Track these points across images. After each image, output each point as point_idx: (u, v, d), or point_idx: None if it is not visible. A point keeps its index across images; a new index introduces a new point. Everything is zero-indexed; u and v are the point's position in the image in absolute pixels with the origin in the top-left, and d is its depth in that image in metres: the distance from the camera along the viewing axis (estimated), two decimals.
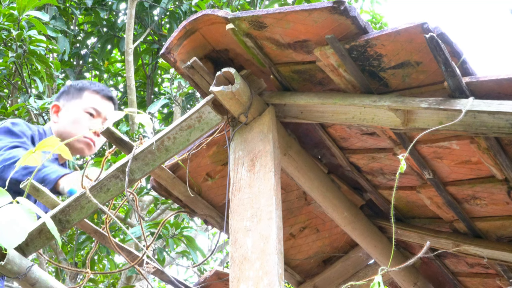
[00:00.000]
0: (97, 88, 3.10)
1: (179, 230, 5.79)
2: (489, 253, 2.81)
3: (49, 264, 6.94)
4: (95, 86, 3.10)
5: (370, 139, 2.59)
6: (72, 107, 3.04)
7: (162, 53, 2.35)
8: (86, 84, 3.12)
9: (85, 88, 3.08)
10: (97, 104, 3.05)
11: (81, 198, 2.37)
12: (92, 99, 3.06)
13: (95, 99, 3.06)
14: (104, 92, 3.10)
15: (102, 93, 3.09)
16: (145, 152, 2.34)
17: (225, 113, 2.32)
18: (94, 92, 3.08)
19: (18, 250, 2.32)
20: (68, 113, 3.03)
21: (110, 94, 3.13)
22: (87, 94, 3.07)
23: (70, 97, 3.08)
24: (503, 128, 1.91)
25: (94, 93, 3.07)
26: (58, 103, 3.08)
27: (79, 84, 3.12)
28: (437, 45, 1.90)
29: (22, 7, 4.99)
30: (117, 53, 7.98)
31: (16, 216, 1.42)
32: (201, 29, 2.33)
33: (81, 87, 3.09)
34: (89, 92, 3.07)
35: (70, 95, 3.08)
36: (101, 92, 3.09)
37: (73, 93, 3.08)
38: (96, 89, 3.09)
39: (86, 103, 3.04)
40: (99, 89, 3.10)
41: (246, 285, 2.01)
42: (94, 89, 3.08)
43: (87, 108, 3.02)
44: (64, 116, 3.04)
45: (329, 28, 2.04)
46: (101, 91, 3.09)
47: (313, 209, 3.17)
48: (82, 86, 3.10)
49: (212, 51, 2.41)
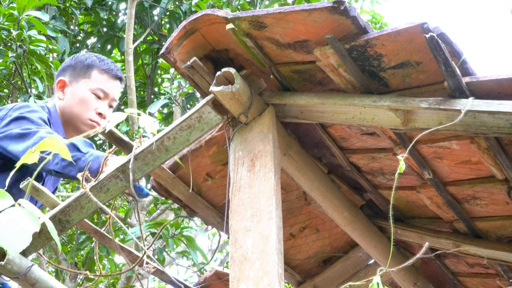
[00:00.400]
0: (106, 66, 2.96)
1: (179, 230, 5.79)
2: (489, 253, 2.81)
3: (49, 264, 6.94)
4: (104, 64, 2.96)
5: (370, 139, 2.59)
6: (79, 85, 2.91)
7: (162, 53, 2.35)
8: (95, 61, 2.97)
9: (94, 66, 2.95)
10: (106, 85, 2.93)
11: (81, 198, 2.37)
12: (100, 79, 2.93)
13: (103, 80, 2.94)
14: (114, 72, 2.97)
15: (112, 72, 2.96)
16: (145, 152, 2.34)
17: (225, 113, 2.32)
18: (103, 72, 2.94)
19: None
20: (75, 92, 2.91)
21: (119, 74, 3.01)
22: (96, 73, 2.94)
23: (77, 73, 2.94)
24: (503, 128, 1.91)
25: (103, 73, 2.94)
26: (64, 78, 2.94)
27: (88, 60, 2.97)
28: (437, 45, 1.90)
29: (22, 7, 4.99)
30: (117, 53, 7.97)
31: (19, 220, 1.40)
32: (201, 29, 2.33)
33: (89, 64, 2.95)
34: (98, 71, 2.94)
35: (77, 71, 2.95)
36: (110, 72, 2.96)
37: (80, 69, 2.95)
38: (105, 68, 2.95)
39: (94, 83, 2.91)
40: (108, 68, 2.96)
41: (246, 285, 2.01)
42: (103, 68, 2.95)
43: (95, 90, 2.90)
44: (70, 94, 2.92)
45: (329, 28, 2.04)
46: (110, 70, 2.96)
47: (313, 209, 3.17)
48: (91, 63, 2.95)
49: (212, 51, 2.41)
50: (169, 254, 6.48)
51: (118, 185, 2.36)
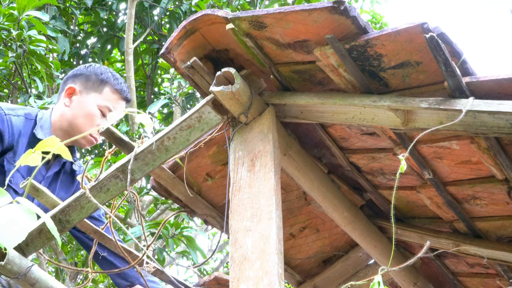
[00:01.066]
0: (119, 87, 2.95)
1: (179, 230, 5.79)
2: (489, 253, 2.81)
3: (49, 264, 6.94)
4: (118, 84, 2.95)
5: (370, 139, 2.59)
6: (89, 98, 2.90)
7: (162, 53, 2.35)
8: (110, 78, 2.95)
9: (108, 83, 2.93)
10: (114, 105, 2.93)
11: (81, 198, 2.37)
12: (111, 98, 2.92)
13: (113, 99, 2.93)
14: (125, 94, 2.97)
15: (123, 94, 2.96)
16: (145, 152, 2.34)
17: (225, 113, 2.32)
18: (115, 92, 2.93)
19: (18, 250, 2.32)
20: (83, 104, 2.89)
21: (129, 97, 3.01)
22: (108, 91, 2.93)
23: (89, 85, 2.92)
24: (503, 128, 1.91)
25: (115, 93, 2.94)
26: (75, 86, 2.92)
27: (103, 74, 2.95)
28: (437, 45, 1.90)
29: (22, 7, 4.99)
30: (117, 53, 7.97)
31: (16, 216, 1.41)
32: (201, 29, 2.33)
33: (104, 80, 2.93)
34: (110, 89, 2.93)
35: (90, 83, 2.92)
36: (122, 93, 2.96)
37: (93, 82, 2.92)
38: (118, 88, 2.94)
39: (104, 101, 2.90)
40: (121, 89, 2.96)
41: (246, 285, 2.01)
42: (117, 88, 2.94)
43: (102, 107, 2.89)
44: (77, 104, 2.89)
45: (329, 28, 2.04)
46: (122, 92, 2.96)
47: (313, 209, 3.17)
48: (106, 79, 2.94)
49: (212, 51, 2.41)
50: (169, 254, 6.47)
51: (118, 185, 2.36)
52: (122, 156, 5.65)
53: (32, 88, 5.92)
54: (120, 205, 2.74)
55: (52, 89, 6.49)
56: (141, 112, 1.76)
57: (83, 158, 7.76)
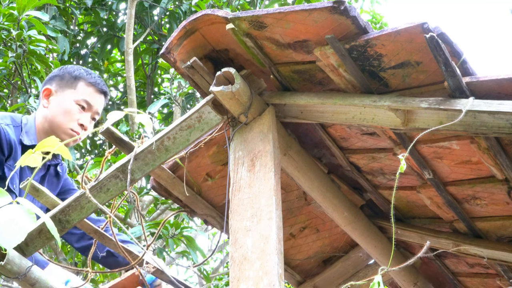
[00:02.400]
0: (93, 80, 3.00)
1: (179, 230, 5.79)
2: (489, 253, 2.81)
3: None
4: (91, 78, 3.00)
5: (370, 139, 2.59)
6: (65, 95, 2.96)
7: (162, 53, 2.35)
8: (83, 73, 3.01)
9: (81, 78, 2.99)
10: (91, 97, 2.97)
11: (81, 198, 2.37)
12: (86, 92, 2.97)
13: (89, 92, 2.98)
14: (100, 86, 3.02)
15: (98, 86, 3.01)
16: (145, 152, 2.34)
17: (225, 113, 2.32)
18: (89, 84, 2.99)
19: (18, 250, 2.32)
20: (60, 101, 2.95)
21: (104, 88, 3.05)
22: (82, 84, 2.98)
23: (64, 83, 2.98)
24: (503, 128, 1.91)
25: (89, 85, 2.99)
26: (51, 87, 2.99)
27: (75, 72, 3.02)
28: (437, 45, 1.90)
29: (22, 7, 4.98)
30: (117, 53, 7.97)
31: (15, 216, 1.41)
32: (201, 29, 2.33)
33: (77, 76, 2.99)
34: (85, 83, 2.98)
35: (64, 81, 2.99)
36: (96, 86, 3.00)
37: (67, 80, 2.99)
38: (91, 81, 2.99)
39: (79, 95, 2.96)
40: (95, 81, 3.01)
41: (246, 285, 2.01)
42: (90, 81, 2.99)
43: (79, 101, 2.94)
44: (55, 103, 2.96)
45: (329, 28, 2.04)
46: (96, 84, 3.01)
47: (313, 209, 3.17)
48: (78, 75, 3.00)
49: (212, 51, 2.41)
50: (169, 254, 6.47)
51: (118, 185, 2.36)
52: (122, 156, 5.65)
53: (32, 88, 5.92)
54: (120, 205, 2.74)
55: None
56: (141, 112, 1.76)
57: (83, 158, 7.76)
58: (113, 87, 8.15)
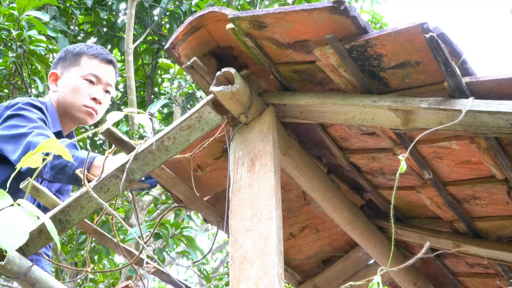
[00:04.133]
0: (95, 52, 2.94)
1: (179, 230, 5.79)
2: (489, 253, 2.81)
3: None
4: (93, 50, 2.94)
5: (370, 139, 2.59)
6: (70, 74, 2.90)
7: (167, 47, 2.34)
8: (83, 48, 2.95)
9: (83, 53, 2.93)
10: (97, 69, 2.91)
11: (81, 198, 2.37)
12: (91, 65, 2.91)
13: (94, 65, 2.91)
14: (103, 56, 2.95)
15: (101, 57, 2.94)
16: (145, 152, 2.34)
17: (225, 113, 2.32)
18: (92, 57, 2.92)
19: (18, 250, 2.32)
20: (67, 82, 2.89)
21: (109, 57, 2.98)
22: (85, 59, 2.92)
23: (67, 63, 2.93)
24: (503, 128, 1.91)
25: (92, 58, 2.92)
26: (56, 71, 2.94)
27: (76, 48, 2.96)
28: (437, 45, 1.90)
29: (22, 7, 4.98)
30: (117, 53, 7.97)
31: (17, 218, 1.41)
32: (207, 25, 2.32)
33: (78, 52, 2.93)
34: (87, 57, 2.92)
35: (68, 61, 2.94)
36: (99, 56, 2.94)
37: (70, 59, 2.93)
38: (94, 53, 2.93)
39: (84, 70, 2.90)
40: (97, 52, 2.94)
41: (246, 285, 2.01)
42: (92, 53, 2.93)
43: (86, 75, 2.88)
44: (63, 85, 2.90)
45: (329, 28, 2.04)
46: (99, 54, 2.94)
47: (313, 209, 3.17)
48: (80, 51, 2.94)
49: (216, 48, 2.41)
50: (169, 254, 6.47)
51: (118, 185, 2.36)
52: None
53: (32, 88, 5.92)
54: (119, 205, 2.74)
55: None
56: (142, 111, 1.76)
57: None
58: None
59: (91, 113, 2.87)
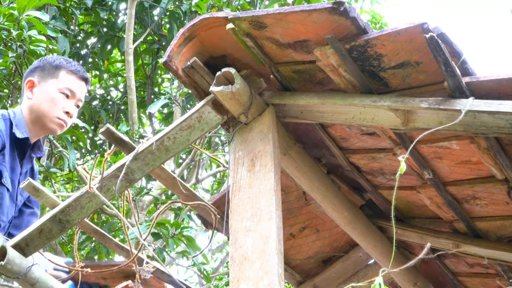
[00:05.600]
0: (73, 68, 3.06)
1: (179, 230, 5.79)
2: (489, 253, 2.81)
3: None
4: (72, 66, 3.07)
5: (370, 139, 2.59)
6: (47, 85, 3.01)
7: (164, 61, 2.36)
8: (63, 62, 3.08)
9: (62, 67, 3.05)
10: (73, 85, 3.03)
11: (81, 198, 2.37)
12: (68, 80, 3.03)
13: (71, 80, 3.04)
14: (81, 74, 3.08)
15: (79, 74, 3.07)
16: (145, 152, 2.34)
17: (225, 113, 2.32)
18: (70, 72, 3.04)
19: (18, 250, 2.32)
20: (43, 92, 3.00)
21: (85, 75, 3.12)
22: (64, 73, 3.04)
23: (45, 74, 3.04)
24: (503, 128, 1.91)
25: (70, 73, 3.04)
26: (33, 79, 3.04)
27: (56, 61, 3.08)
28: (437, 45, 1.90)
29: (22, 7, 4.98)
30: (117, 53, 7.97)
31: None
32: (199, 35, 2.34)
33: (58, 65, 3.06)
34: (66, 71, 3.04)
35: (46, 71, 3.04)
36: (77, 73, 3.06)
37: (48, 70, 3.04)
38: (72, 69, 3.06)
39: (62, 83, 3.01)
40: (76, 69, 3.07)
41: (246, 285, 2.01)
42: (71, 69, 3.05)
43: (63, 89, 3.00)
44: (38, 94, 3.01)
45: (329, 28, 2.04)
46: (77, 71, 3.07)
47: (313, 209, 3.17)
48: (59, 64, 3.06)
49: (209, 58, 2.41)
50: (169, 254, 6.47)
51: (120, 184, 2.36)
52: (122, 156, 5.65)
53: None
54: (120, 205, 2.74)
55: None
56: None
57: (83, 158, 7.76)
58: (113, 87, 8.16)
59: (62, 125, 3.01)
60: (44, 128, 2.99)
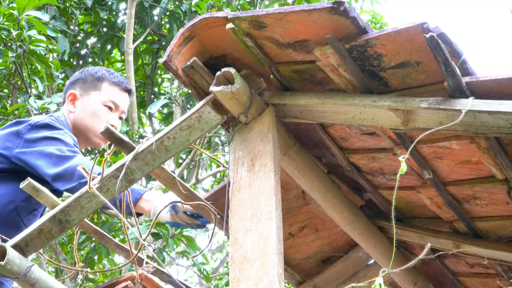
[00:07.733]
0: (116, 80, 3.00)
1: (179, 230, 5.79)
2: (489, 253, 2.81)
3: (49, 264, 6.94)
4: (114, 78, 3.01)
5: (370, 139, 2.59)
6: (90, 98, 2.95)
7: (164, 61, 2.35)
8: (105, 74, 3.01)
9: (104, 79, 2.99)
10: (116, 97, 2.98)
11: (81, 198, 2.37)
12: (111, 92, 2.97)
13: (114, 92, 2.98)
14: (124, 85, 3.02)
15: (122, 85, 3.01)
16: (145, 152, 2.34)
17: (225, 113, 2.33)
18: (113, 84, 2.99)
19: (18, 250, 2.32)
20: (86, 104, 2.94)
21: (129, 87, 3.06)
22: (106, 85, 2.98)
23: (88, 86, 2.98)
24: (503, 128, 1.91)
25: (113, 85, 2.99)
26: (75, 91, 2.98)
27: (98, 73, 3.01)
28: (437, 45, 1.90)
29: (22, 7, 4.98)
30: (117, 53, 7.97)
31: None
32: (198, 35, 2.33)
33: (100, 77, 2.99)
34: (109, 83, 2.98)
35: (88, 84, 2.98)
36: (120, 85, 3.01)
37: (91, 82, 2.98)
38: (115, 81, 3.00)
39: (105, 96, 2.95)
40: (118, 81, 3.01)
41: (246, 285, 2.01)
42: (114, 81, 2.99)
43: (106, 102, 2.94)
44: (81, 107, 2.95)
45: (329, 28, 2.04)
46: (120, 83, 3.01)
47: (312, 209, 3.17)
48: (102, 76, 2.99)
49: (209, 58, 2.41)
50: (169, 254, 6.47)
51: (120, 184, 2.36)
52: (122, 156, 5.65)
53: (32, 88, 5.91)
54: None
55: (52, 89, 6.49)
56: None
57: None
58: None
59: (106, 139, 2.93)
60: (87, 142, 2.94)
